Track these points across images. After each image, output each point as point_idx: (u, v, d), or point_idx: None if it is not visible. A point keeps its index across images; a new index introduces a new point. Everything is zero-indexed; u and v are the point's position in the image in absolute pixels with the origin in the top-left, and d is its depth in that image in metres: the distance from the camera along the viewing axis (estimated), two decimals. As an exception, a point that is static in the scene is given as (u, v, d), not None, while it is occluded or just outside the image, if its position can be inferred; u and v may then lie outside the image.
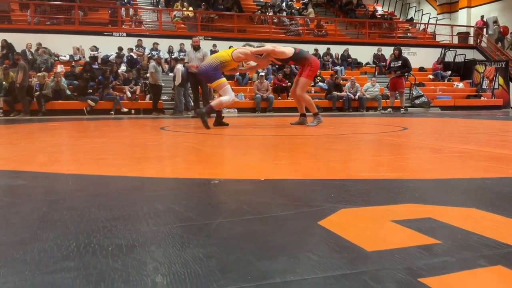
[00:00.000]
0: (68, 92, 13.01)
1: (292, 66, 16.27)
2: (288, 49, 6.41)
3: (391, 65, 13.15)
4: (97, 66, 14.49)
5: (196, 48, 10.45)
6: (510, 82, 18.26)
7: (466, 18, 23.10)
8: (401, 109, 13.03)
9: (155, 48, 15.94)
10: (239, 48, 6.41)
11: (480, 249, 1.11)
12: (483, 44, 21.10)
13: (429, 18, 22.96)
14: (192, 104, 13.37)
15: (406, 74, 13.15)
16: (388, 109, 13.28)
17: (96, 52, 15.36)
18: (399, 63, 12.83)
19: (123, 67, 14.67)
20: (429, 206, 1.56)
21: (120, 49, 15.40)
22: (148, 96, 13.56)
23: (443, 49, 20.04)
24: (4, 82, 12.37)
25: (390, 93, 13.41)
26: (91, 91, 13.03)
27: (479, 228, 1.28)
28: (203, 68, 6.21)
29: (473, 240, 1.18)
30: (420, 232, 1.24)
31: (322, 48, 17.83)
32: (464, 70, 19.10)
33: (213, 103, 6.31)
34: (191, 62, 10.39)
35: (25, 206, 1.62)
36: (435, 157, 3.01)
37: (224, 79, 6.14)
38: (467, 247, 1.13)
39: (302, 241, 1.19)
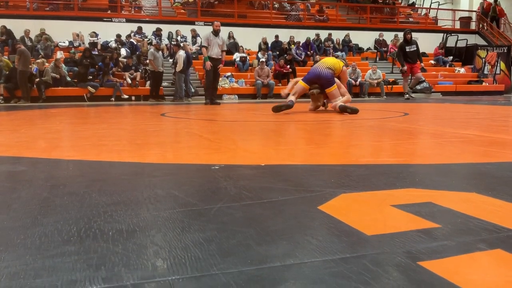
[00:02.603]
0: (68, 79, 12.96)
1: (293, 52, 16.19)
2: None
3: (407, 50, 11.98)
4: (96, 53, 14.41)
5: (217, 32, 9.76)
6: (511, 67, 18.15)
7: (468, 2, 22.87)
8: (405, 95, 12.59)
9: (158, 34, 15.81)
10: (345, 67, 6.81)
11: (480, 233, 1.11)
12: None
13: (431, 3, 22.73)
14: (192, 90, 13.33)
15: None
16: (408, 94, 12.55)
17: (96, 38, 15.26)
18: (414, 47, 11.95)
19: (123, 52, 14.58)
20: (430, 191, 1.56)
21: (119, 36, 15.29)
22: (148, 83, 13.50)
23: (445, 34, 19.88)
24: (6, 71, 12.32)
25: (404, 78, 12.57)
26: (91, 77, 12.96)
27: (479, 212, 1.28)
28: (327, 75, 6.34)
29: (473, 224, 1.18)
30: (420, 216, 1.24)
31: (323, 34, 17.70)
32: (465, 55, 18.96)
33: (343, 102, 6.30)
34: (212, 47, 9.67)
35: (26, 191, 1.62)
36: (436, 142, 3.01)
37: (335, 84, 6.40)
38: (467, 231, 1.13)
39: (302, 225, 1.19)
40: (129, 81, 13.38)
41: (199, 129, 4.29)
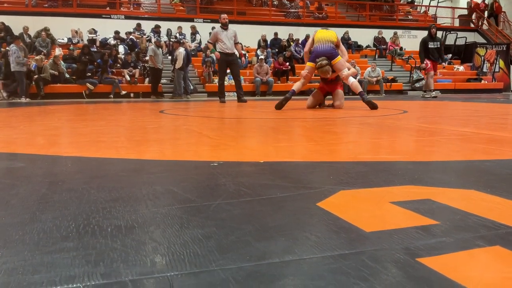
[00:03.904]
0: (67, 76, 12.94)
1: (293, 49, 16.17)
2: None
3: (429, 45, 11.19)
4: (95, 49, 14.39)
5: (226, 26, 9.20)
6: (510, 65, 18.15)
7: (467, 0, 22.86)
8: (431, 92, 11.72)
9: (157, 31, 15.78)
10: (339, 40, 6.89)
11: (479, 230, 1.11)
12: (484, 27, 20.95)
13: (430, 1, 22.73)
14: (191, 87, 13.32)
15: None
16: (434, 91, 11.83)
17: (95, 35, 15.24)
18: (438, 44, 11.23)
19: (121, 49, 14.55)
20: (428, 188, 1.56)
21: (117, 32, 15.26)
22: (147, 80, 13.50)
23: (444, 32, 19.89)
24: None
25: (429, 74, 11.51)
26: (90, 74, 12.95)
27: (477, 209, 1.28)
28: (330, 49, 6.43)
29: (471, 221, 1.18)
30: (419, 213, 1.24)
31: (322, 31, 17.68)
32: (464, 53, 18.98)
33: (345, 77, 6.43)
34: (222, 42, 9.12)
35: (24, 188, 1.62)
36: (435, 139, 3.01)
37: (339, 56, 6.44)
38: (465, 227, 1.13)
39: (301, 222, 1.19)
40: (128, 78, 13.37)
41: (198, 126, 4.28)
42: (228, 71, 9.72)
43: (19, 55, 11.65)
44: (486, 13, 21.20)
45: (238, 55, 9.77)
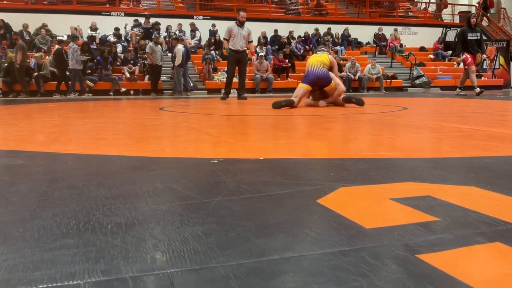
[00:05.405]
0: (67, 73, 12.91)
1: (293, 46, 16.16)
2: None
3: (468, 37, 9.99)
4: (95, 47, 14.36)
5: (242, 23, 9.10)
6: (510, 62, 18.11)
7: (468, -3, 22.83)
8: (475, 88, 10.26)
9: (156, 28, 15.75)
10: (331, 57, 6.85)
11: (479, 226, 1.11)
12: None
13: (430, -2, 22.69)
14: (191, 84, 13.31)
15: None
16: (478, 88, 10.26)
17: (95, 32, 15.21)
18: (478, 35, 10.03)
19: (119, 48, 14.53)
20: (428, 185, 1.56)
21: (117, 29, 15.23)
22: (147, 77, 13.47)
23: (444, 29, 19.85)
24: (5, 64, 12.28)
25: (470, 69, 10.17)
26: (89, 71, 12.93)
27: (477, 205, 1.29)
28: (325, 74, 6.45)
29: (471, 218, 1.18)
30: (419, 210, 1.24)
31: (322, 28, 17.65)
32: (465, 50, 18.90)
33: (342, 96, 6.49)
34: (235, 39, 9.07)
35: (25, 185, 1.62)
36: (435, 136, 3.01)
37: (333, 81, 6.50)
38: (465, 224, 1.13)
39: (301, 219, 1.19)
40: (128, 75, 13.34)
41: (198, 123, 4.28)
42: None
43: (79, 53, 11.93)
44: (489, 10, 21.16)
45: (248, 54, 9.68)
